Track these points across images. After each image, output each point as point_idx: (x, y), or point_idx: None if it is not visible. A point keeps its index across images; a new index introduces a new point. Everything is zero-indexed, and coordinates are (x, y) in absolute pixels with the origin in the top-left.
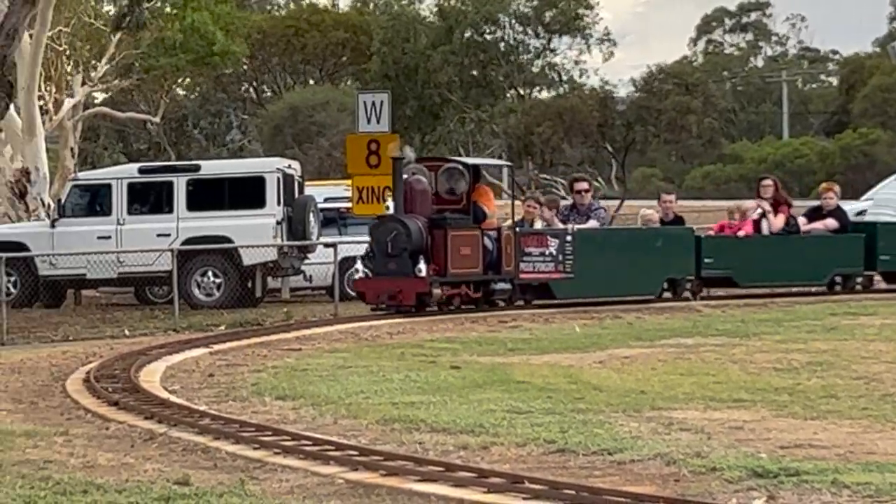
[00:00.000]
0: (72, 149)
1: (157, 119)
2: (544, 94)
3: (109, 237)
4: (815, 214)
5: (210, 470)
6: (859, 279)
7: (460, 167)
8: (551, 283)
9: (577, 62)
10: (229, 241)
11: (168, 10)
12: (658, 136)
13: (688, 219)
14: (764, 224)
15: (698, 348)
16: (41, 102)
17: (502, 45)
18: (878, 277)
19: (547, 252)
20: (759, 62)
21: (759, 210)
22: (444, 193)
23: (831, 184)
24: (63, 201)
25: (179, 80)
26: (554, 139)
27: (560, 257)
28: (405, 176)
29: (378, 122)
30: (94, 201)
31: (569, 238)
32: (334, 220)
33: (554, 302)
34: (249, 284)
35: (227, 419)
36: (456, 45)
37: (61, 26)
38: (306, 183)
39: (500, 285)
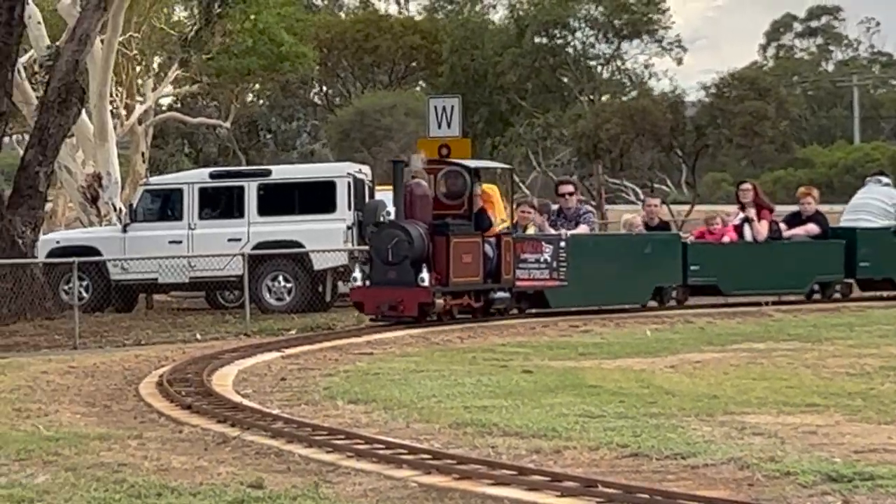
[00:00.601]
0: (143, 153)
1: (228, 124)
2: (615, 99)
3: (181, 242)
4: (795, 220)
5: (283, 473)
6: (838, 287)
7: (461, 170)
8: (546, 292)
9: (646, 66)
10: (300, 245)
11: (237, 15)
12: (731, 140)
13: None
14: (747, 230)
15: (770, 353)
16: (112, 107)
17: (572, 49)
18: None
19: (542, 259)
20: (830, 66)
21: (741, 216)
22: (443, 198)
23: (809, 188)
24: (135, 206)
25: (249, 85)
26: (623, 141)
27: (554, 264)
28: (405, 179)
29: (449, 126)
30: (166, 206)
31: (562, 244)
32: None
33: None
34: (320, 289)
35: (300, 423)
36: (526, 49)
37: (132, 32)
38: (376, 187)
39: (500, 294)
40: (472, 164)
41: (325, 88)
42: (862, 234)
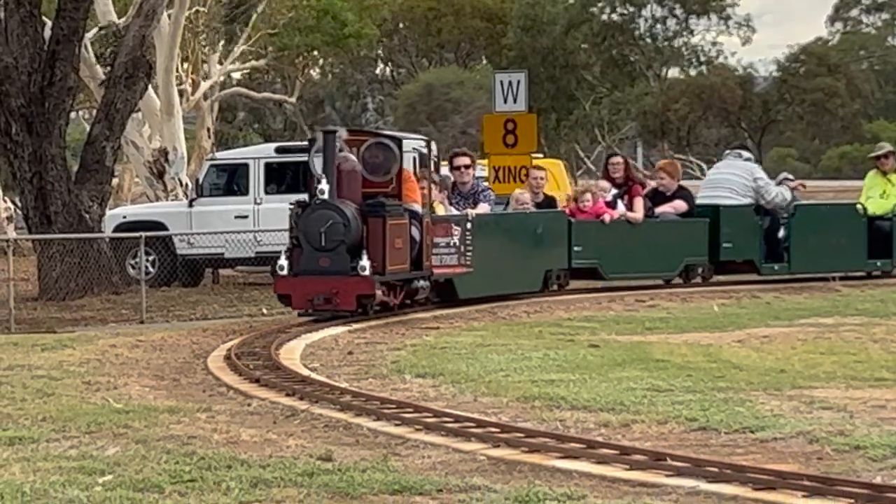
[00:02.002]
0: (208, 129)
1: (293, 99)
2: (682, 76)
3: (247, 216)
4: (658, 197)
5: (352, 446)
6: (701, 269)
7: (391, 143)
8: (455, 279)
9: (714, 43)
10: None
11: None
12: (802, 117)
13: (823, 199)
14: (620, 206)
15: (838, 328)
16: (179, 83)
17: (640, 24)
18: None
19: (451, 242)
20: None
21: (614, 192)
22: (369, 175)
23: (666, 162)
24: (200, 181)
25: (314, 61)
26: (691, 118)
27: (462, 248)
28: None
29: (515, 101)
30: (232, 181)
31: (468, 225)
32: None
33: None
34: None
35: (368, 396)
36: (594, 26)
37: (199, 6)
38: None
39: (422, 283)
40: (400, 135)
41: (390, 66)
42: (725, 212)
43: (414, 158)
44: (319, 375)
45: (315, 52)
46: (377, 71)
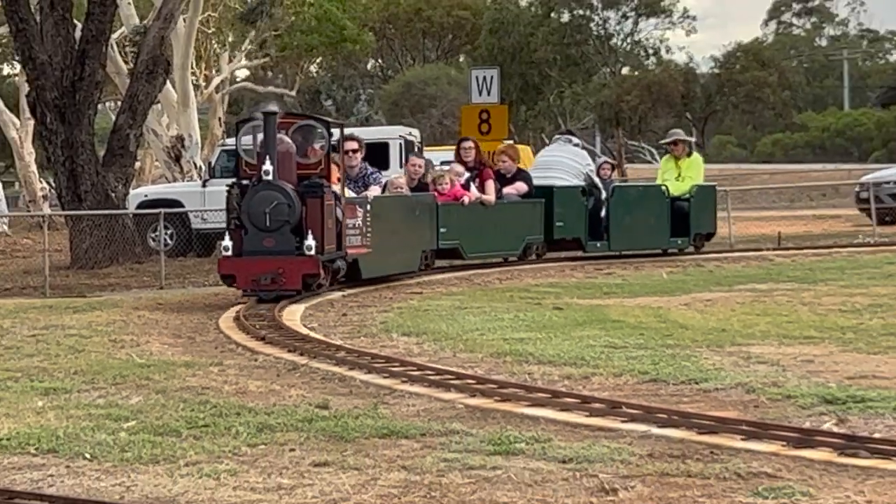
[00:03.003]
0: (219, 118)
1: (293, 92)
2: (633, 72)
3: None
4: (500, 180)
5: (346, 396)
6: (536, 247)
7: (318, 125)
8: (360, 259)
9: (661, 41)
10: None
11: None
12: (736, 106)
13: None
14: (473, 189)
15: (772, 292)
16: (193, 78)
17: (594, 27)
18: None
19: (356, 224)
20: (823, 42)
21: (467, 175)
22: (299, 156)
23: (507, 146)
24: (213, 164)
25: (313, 60)
26: (641, 109)
27: (364, 229)
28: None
29: (489, 94)
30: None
31: (368, 206)
32: None
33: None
34: None
35: (360, 352)
36: (554, 27)
37: (210, 11)
38: (425, 148)
39: (340, 262)
40: (324, 118)
41: (380, 61)
42: (558, 192)
43: (400, 144)
44: (317, 334)
45: (314, 51)
46: (368, 66)
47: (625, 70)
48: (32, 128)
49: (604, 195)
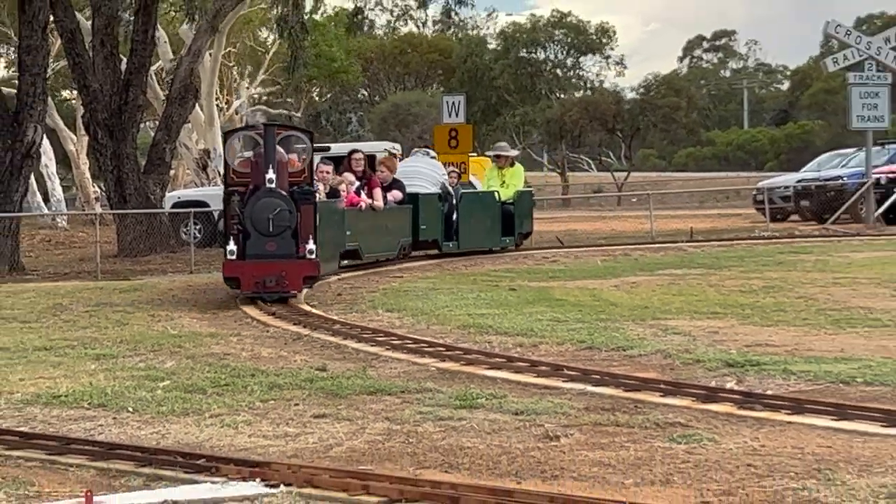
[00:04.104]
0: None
1: (299, 114)
2: (574, 96)
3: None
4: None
5: (341, 360)
6: (405, 248)
7: (302, 135)
8: None
9: (597, 74)
10: None
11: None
12: (656, 125)
13: (675, 187)
14: (363, 195)
15: (685, 276)
16: (217, 102)
17: (544, 61)
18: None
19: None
20: (727, 73)
21: (357, 184)
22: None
23: (385, 158)
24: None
25: (314, 88)
26: (580, 126)
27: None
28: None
29: (457, 115)
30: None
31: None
32: None
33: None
34: None
35: (352, 325)
36: (511, 60)
37: (231, 48)
38: (405, 158)
39: None
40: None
41: (368, 90)
42: (422, 199)
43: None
44: (317, 310)
45: (314, 81)
46: (359, 94)
47: (566, 95)
48: (86, 142)
49: (454, 201)
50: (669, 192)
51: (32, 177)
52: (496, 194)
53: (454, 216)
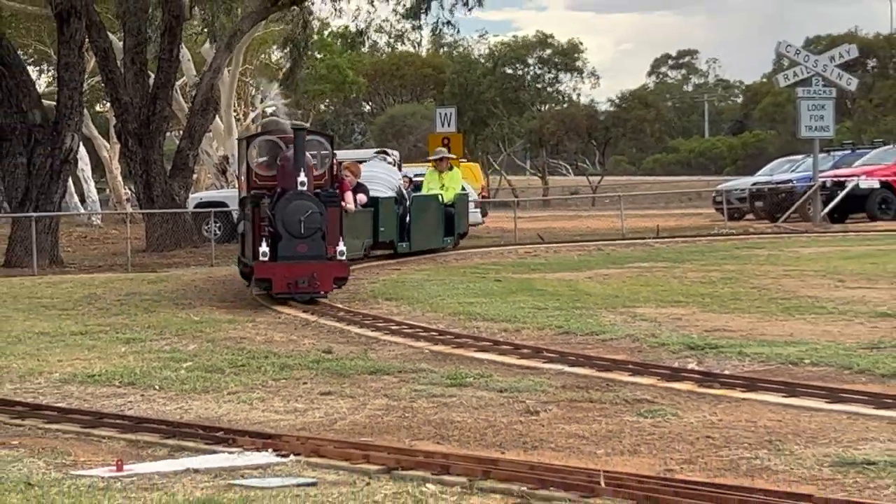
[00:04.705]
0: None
1: (308, 125)
2: (553, 109)
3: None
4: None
5: (345, 343)
6: (366, 249)
7: (323, 139)
8: None
9: (574, 88)
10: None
11: (318, 56)
12: (626, 135)
13: (644, 189)
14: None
15: (651, 269)
16: (235, 113)
17: (527, 77)
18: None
19: None
20: (690, 88)
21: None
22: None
23: (349, 163)
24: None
25: (323, 101)
26: (558, 135)
27: None
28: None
29: (449, 125)
30: None
31: None
32: (419, 186)
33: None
34: None
35: (355, 312)
36: (498, 76)
37: (247, 65)
38: (403, 164)
39: None
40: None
41: (371, 103)
42: (382, 202)
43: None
44: (324, 299)
45: (323, 94)
46: (362, 107)
47: (546, 107)
48: (118, 150)
49: (408, 204)
50: (638, 194)
51: (70, 180)
52: (440, 197)
53: (407, 218)
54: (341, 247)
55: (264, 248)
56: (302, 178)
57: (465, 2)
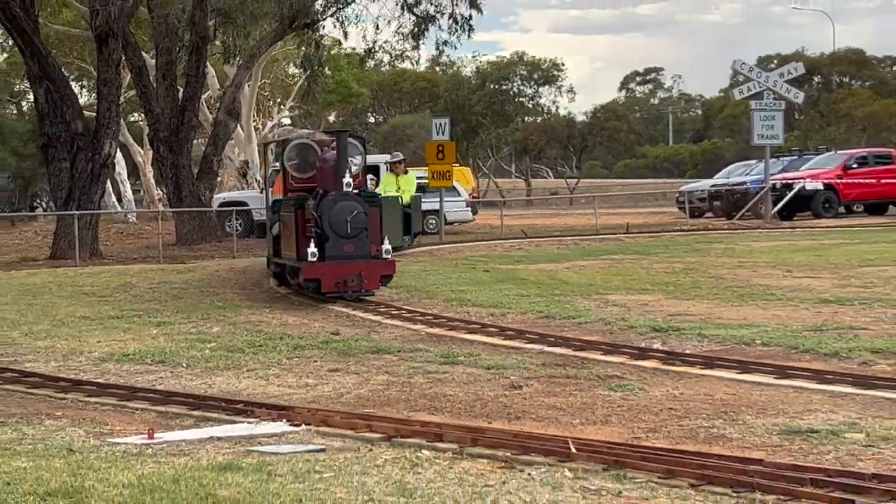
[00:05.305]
0: (272, 149)
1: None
2: (537, 120)
3: None
4: None
5: (350, 326)
6: None
7: (357, 142)
8: None
9: (554, 101)
10: None
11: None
12: (601, 143)
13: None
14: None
15: (622, 260)
16: (254, 123)
17: (512, 91)
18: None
19: None
20: (656, 101)
21: None
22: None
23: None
24: (266, 179)
25: (331, 112)
26: (540, 143)
27: None
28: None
29: (443, 134)
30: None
31: None
32: (423, 187)
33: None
34: None
35: (359, 299)
36: (486, 92)
37: (265, 80)
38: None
39: None
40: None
41: (375, 115)
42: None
43: (386, 165)
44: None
45: (331, 106)
46: (366, 118)
47: (529, 118)
48: (151, 155)
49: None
50: (611, 195)
51: (108, 182)
52: (400, 199)
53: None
54: (386, 245)
55: (312, 248)
56: (347, 179)
57: (457, 29)
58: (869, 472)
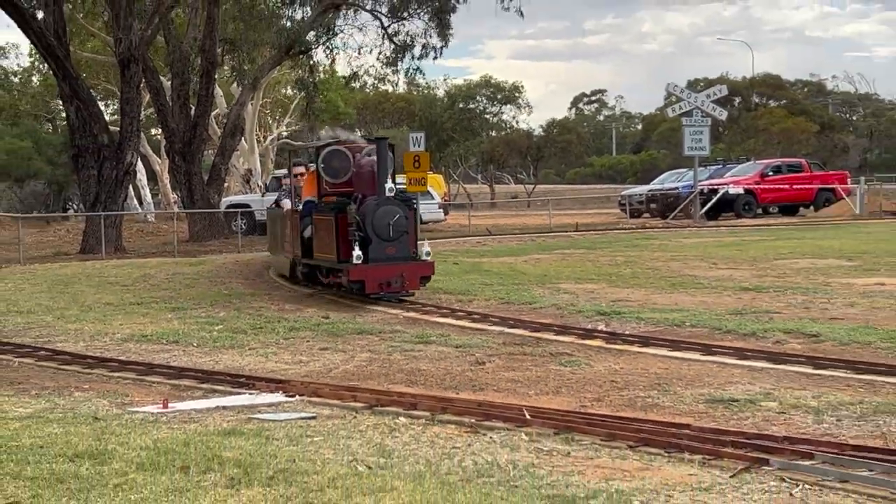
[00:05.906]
0: (271, 159)
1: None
2: (500, 134)
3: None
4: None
5: (340, 311)
6: None
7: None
8: None
9: (514, 117)
10: None
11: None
12: (555, 154)
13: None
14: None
15: (572, 254)
16: (256, 136)
17: (478, 109)
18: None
19: None
20: (602, 118)
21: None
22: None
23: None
24: (267, 184)
25: (322, 128)
26: (503, 154)
27: None
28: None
29: (419, 146)
30: (280, 184)
31: None
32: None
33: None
34: None
35: (346, 288)
36: (455, 110)
37: (266, 98)
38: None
39: None
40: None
41: (360, 130)
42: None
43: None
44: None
45: (323, 123)
46: (357, 134)
47: (493, 132)
48: (167, 164)
49: None
50: (563, 198)
51: (130, 187)
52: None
53: None
54: (426, 247)
55: (358, 251)
56: (390, 184)
57: (427, 54)
58: (781, 435)
